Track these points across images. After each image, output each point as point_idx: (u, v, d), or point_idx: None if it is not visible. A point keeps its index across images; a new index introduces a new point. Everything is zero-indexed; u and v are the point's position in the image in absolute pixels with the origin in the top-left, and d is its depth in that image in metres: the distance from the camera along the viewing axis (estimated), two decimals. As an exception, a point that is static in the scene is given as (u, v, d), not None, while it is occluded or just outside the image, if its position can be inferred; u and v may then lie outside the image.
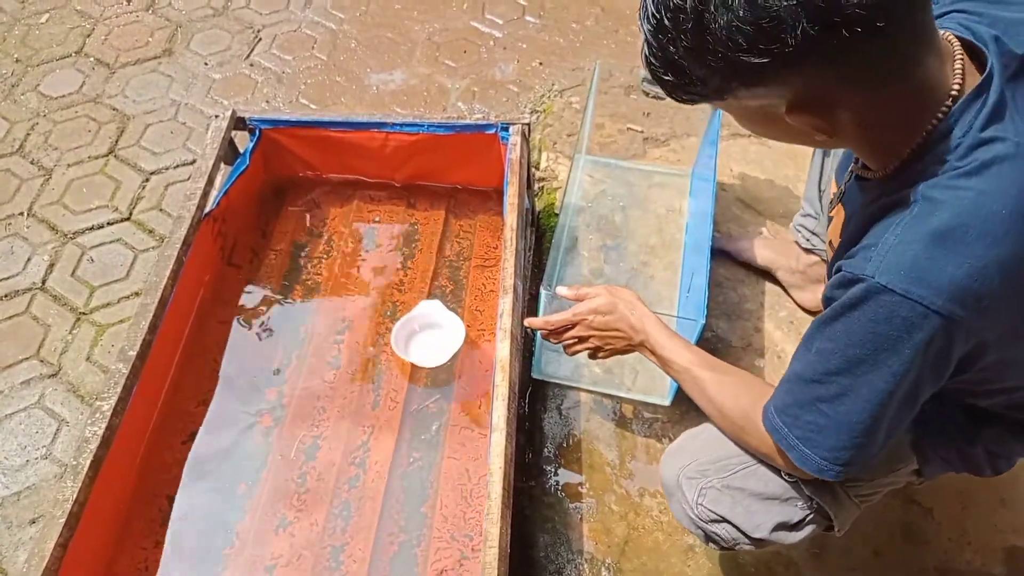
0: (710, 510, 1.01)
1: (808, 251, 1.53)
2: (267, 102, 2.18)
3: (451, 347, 1.45)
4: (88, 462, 1.15)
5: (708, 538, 1.04)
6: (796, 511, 0.99)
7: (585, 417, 1.46)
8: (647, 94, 2.13)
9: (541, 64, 2.28)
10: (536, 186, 1.89)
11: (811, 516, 0.99)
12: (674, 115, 2.00)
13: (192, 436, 1.40)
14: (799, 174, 1.82)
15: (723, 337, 1.56)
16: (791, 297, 1.60)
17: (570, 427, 1.45)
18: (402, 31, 2.38)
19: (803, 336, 0.85)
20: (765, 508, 0.99)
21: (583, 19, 2.39)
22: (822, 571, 1.28)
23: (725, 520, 1.01)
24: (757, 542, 1.00)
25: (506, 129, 1.64)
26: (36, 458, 1.50)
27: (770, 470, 0.98)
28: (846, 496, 1.00)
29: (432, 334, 1.51)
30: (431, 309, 1.52)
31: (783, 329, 1.56)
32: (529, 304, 1.63)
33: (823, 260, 1.51)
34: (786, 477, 0.97)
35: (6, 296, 1.76)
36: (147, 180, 1.99)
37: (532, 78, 2.24)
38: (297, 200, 1.80)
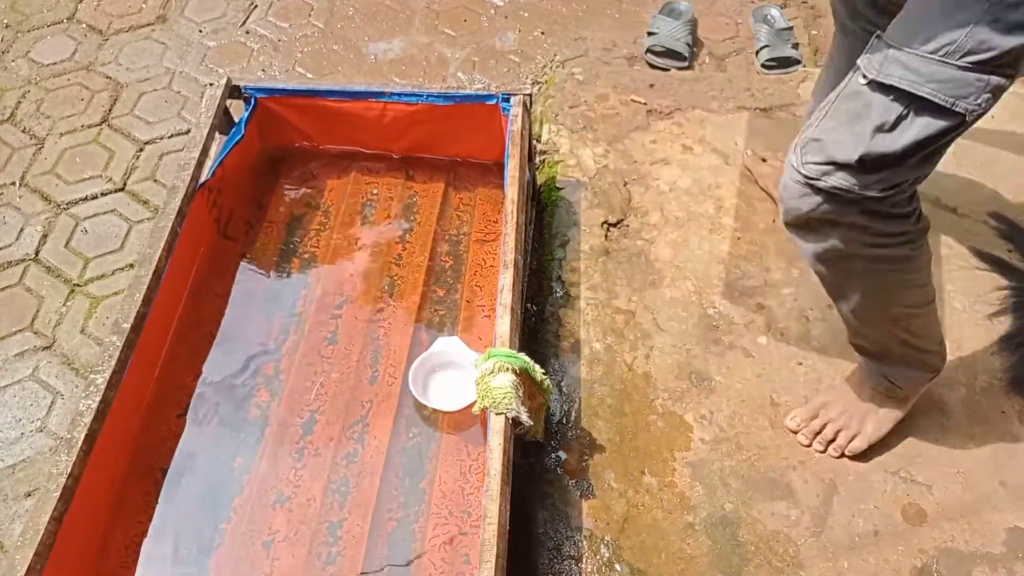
0: (814, 162, 0.98)
1: None
2: (263, 71, 2.14)
3: (471, 390, 1.27)
4: (83, 436, 1.13)
5: (828, 198, 0.99)
6: (888, 106, 0.93)
7: (585, 393, 1.45)
8: (652, 66, 2.10)
9: (543, 34, 2.23)
10: (537, 159, 1.86)
11: (906, 109, 0.92)
12: (678, 87, 1.95)
13: (187, 410, 1.39)
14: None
15: (725, 314, 1.54)
16: None
17: (570, 404, 1.44)
18: (401, -1, 2.33)
19: None
20: (857, 120, 0.96)
21: (586, -12, 2.34)
22: (821, 550, 1.27)
23: (829, 162, 0.97)
24: (863, 166, 0.95)
25: (507, 100, 1.60)
26: (31, 431, 1.49)
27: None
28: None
29: (451, 374, 1.40)
30: (450, 347, 1.41)
31: (786, 306, 1.55)
32: (529, 279, 1.61)
33: None
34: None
35: (-1, 267, 1.74)
36: (141, 150, 1.95)
37: (534, 48, 2.19)
38: (293, 171, 1.77)
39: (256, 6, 2.30)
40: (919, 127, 0.93)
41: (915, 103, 0.92)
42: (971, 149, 1.79)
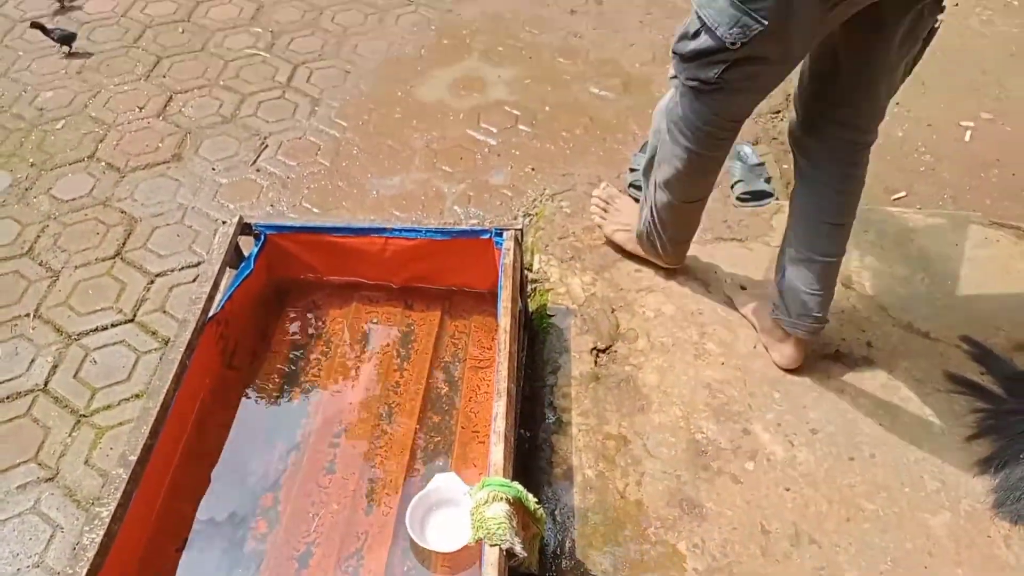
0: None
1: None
2: (271, 206, 2.27)
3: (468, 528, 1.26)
4: (85, 571, 1.15)
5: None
6: (693, 22, 1.31)
7: (579, 522, 1.47)
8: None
9: (533, 170, 2.39)
10: (529, 287, 1.96)
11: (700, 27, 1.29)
12: (661, 219, 2.08)
13: (185, 543, 1.40)
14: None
15: (713, 439, 1.59)
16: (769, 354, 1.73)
17: (564, 534, 1.46)
18: (402, 139, 2.50)
19: None
20: (682, 26, 1.36)
21: (572, 128, 2.53)
22: None
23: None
24: (675, 56, 1.39)
25: (500, 234, 1.71)
26: (27, 566, 1.49)
27: None
28: None
29: (449, 512, 1.41)
30: (447, 483, 1.43)
31: (771, 431, 1.60)
32: (522, 406, 1.66)
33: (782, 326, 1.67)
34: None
35: (8, 398, 1.78)
36: (152, 282, 2.05)
37: (525, 183, 2.34)
38: (298, 302, 1.86)
39: (267, 146, 2.47)
40: (700, 40, 1.31)
41: (703, 23, 1.29)
42: (941, 274, 1.89)
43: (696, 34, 1.31)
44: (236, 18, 3.02)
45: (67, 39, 2.83)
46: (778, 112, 2.57)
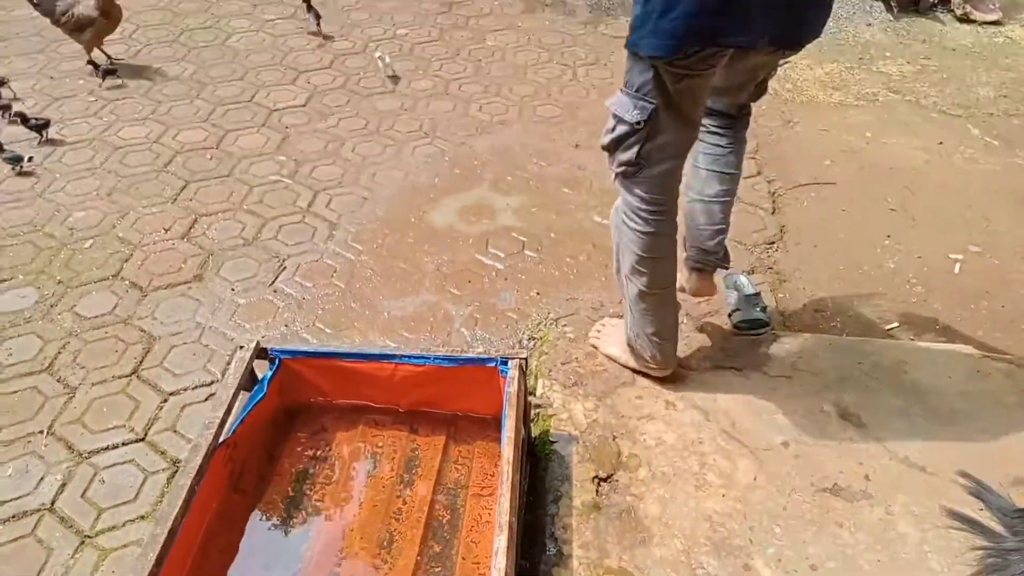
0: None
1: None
2: (286, 326, 2.36)
3: None
4: None
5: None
6: (609, 119, 1.69)
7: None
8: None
9: (538, 294, 2.48)
10: (532, 412, 2.00)
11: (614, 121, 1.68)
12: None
13: (182, 675, 1.39)
14: (776, 404, 1.94)
15: (713, 575, 1.59)
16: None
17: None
18: (414, 262, 2.62)
19: None
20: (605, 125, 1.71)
21: (577, 254, 2.65)
22: None
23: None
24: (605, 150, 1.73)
25: (505, 363, 1.78)
26: None
27: None
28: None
29: None
30: None
31: (771, 567, 1.59)
32: (523, 534, 1.67)
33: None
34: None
35: (13, 517, 1.80)
36: (165, 401, 2.10)
37: (530, 306, 2.43)
38: (306, 425, 1.91)
39: (285, 267, 2.59)
40: (616, 131, 1.66)
41: (615, 116, 1.65)
42: (936, 407, 1.93)
43: (613, 128, 1.67)
44: (262, 147, 3.23)
45: (41, 127, 3.20)
46: (772, 243, 2.69)
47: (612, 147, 1.69)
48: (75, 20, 3.61)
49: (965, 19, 4.35)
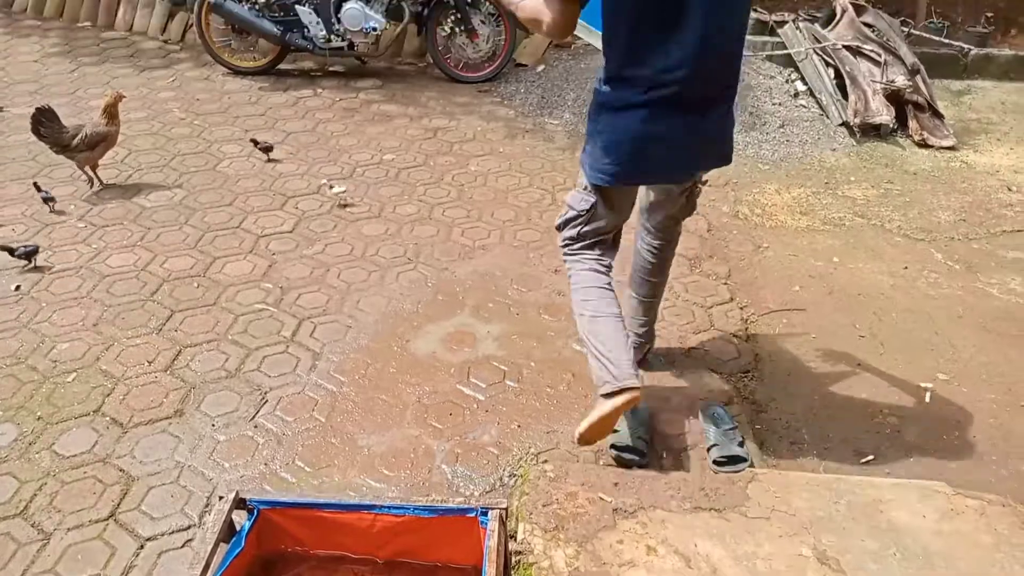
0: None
1: None
2: (265, 464, 2.35)
3: None
4: None
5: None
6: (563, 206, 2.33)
7: None
8: (616, 459, 2.34)
9: (519, 426, 2.51)
10: (513, 559, 1.99)
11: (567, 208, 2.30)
12: (640, 485, 2.17)
13: None
14: (756, 550, 1.95)
15: None
16: None
17: None
18: (395, 393, 2.65)
19: None
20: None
21: (556, 384, 2.69)
22: None
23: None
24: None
25: (485, 514, 1.79)
26: None
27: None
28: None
29: None
30: None
31: None
32: None
33: None
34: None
35: None
36: (142, 547, 2.07)
37: (511, 440, 2.45)
38: (283, 575, 1.88)
39: (267, 401, 2.61)
40: (566, 215, 2.27)
41: (567, 205, 2.27)
42: (911, 549, 1.95)
43: (565, 213, 2.27)
44: (249, 274, 3.30)
45: (30, 254, 3.28)
46: (747, 371, 2.76)
47: (562, 227, 2.30)
48: (88, 139, 3.78)
49: (923, 144, 4.61)
